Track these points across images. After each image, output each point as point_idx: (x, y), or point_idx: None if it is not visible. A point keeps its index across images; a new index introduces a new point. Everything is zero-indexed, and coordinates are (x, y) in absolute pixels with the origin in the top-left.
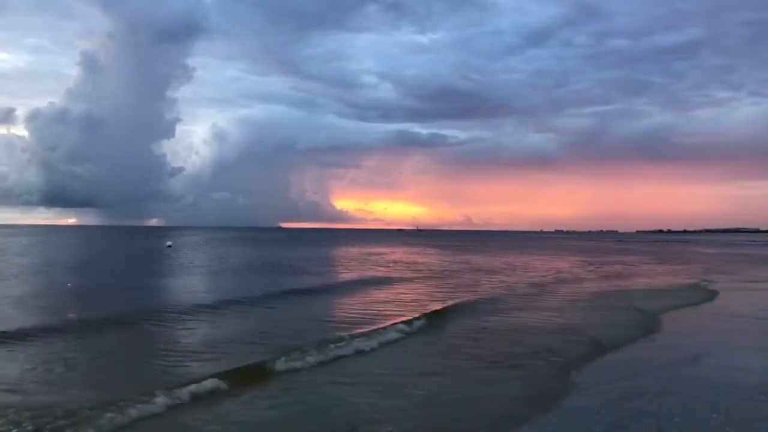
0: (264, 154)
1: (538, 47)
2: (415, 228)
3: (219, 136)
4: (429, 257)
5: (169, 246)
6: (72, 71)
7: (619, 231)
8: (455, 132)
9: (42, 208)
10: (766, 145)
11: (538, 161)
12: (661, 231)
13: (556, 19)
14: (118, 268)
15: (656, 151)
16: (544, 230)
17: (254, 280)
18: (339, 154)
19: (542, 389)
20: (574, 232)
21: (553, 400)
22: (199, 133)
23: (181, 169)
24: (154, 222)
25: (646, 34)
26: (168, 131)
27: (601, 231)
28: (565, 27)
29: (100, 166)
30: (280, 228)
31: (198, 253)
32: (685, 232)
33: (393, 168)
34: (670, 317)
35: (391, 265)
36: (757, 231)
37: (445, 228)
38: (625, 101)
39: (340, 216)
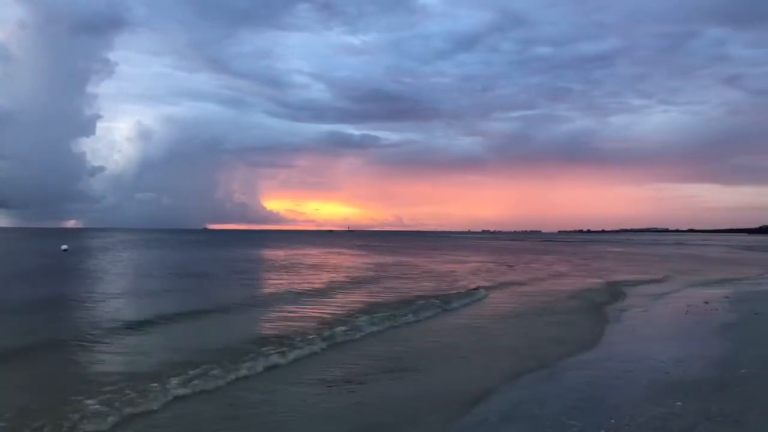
0: (191, 154)
1: (466, 52)
2: (347, 229)
3: (144, 134)
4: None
5: (65, 250)
6: None
7: (543, 231)
8: (387, 134)
9: None
10: (674, 150)
11: (467, 163)
12: (581, 231)
13: (483, 25)
14: None
15: (577, 155)
16: (472, 230)
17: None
18: (270, 154)
19: None
20: (500, 232)
21: None
22: (122, 130)
23: (101, 169)
24: (72, 224)
25: (568, 43)
26: (88, 128)
27: (525, 231)
28: (492, 33)
29: (12, 164)
30: (206, 230)
31: (92, 258)
32: (603, 231)
33: (325, 169)
34: (539, 320)
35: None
36: (667, 231)
37: (377, 228)
38: (548, 106)
39: (271, 217)
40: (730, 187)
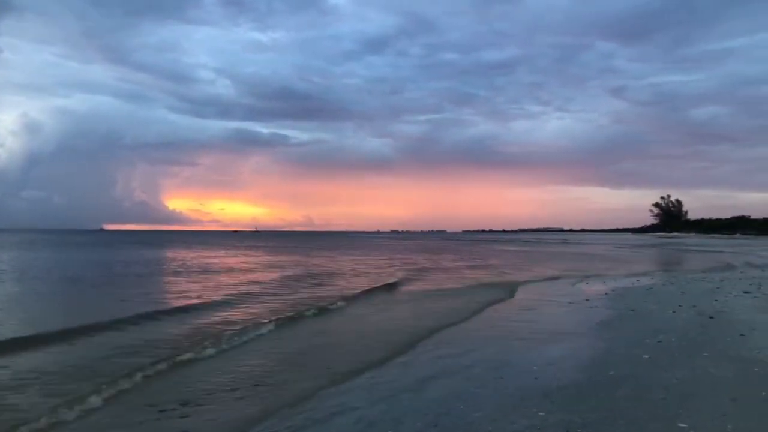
0: (85, 149)
1: (375, 54)
2: (254, 229)
3: (31, 127)
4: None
5: None
6: None
7: (448, 230)
8: (296, 133)
9: None
10: (568, 155)
11: (377, 164)
12: (483, 231)
13: (392, 28)
14: None
15: (481, 158)
16: (381, 230)
17: None
18: (172, 151)
19: None
20: (408, 232)
21: None
22: (6, 123)
23: None
24: None
25: (472, 50)
26: None
27: (432, 231)
28: (400, 37)
29: None
30: (102, 230)
31: None
32: (504, 231)
33: (231, 167)
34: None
35: None
36: (562, 230)
37: (286, 229)
38: (454, 111)
39: (173, 217)
40: (616, 190)
